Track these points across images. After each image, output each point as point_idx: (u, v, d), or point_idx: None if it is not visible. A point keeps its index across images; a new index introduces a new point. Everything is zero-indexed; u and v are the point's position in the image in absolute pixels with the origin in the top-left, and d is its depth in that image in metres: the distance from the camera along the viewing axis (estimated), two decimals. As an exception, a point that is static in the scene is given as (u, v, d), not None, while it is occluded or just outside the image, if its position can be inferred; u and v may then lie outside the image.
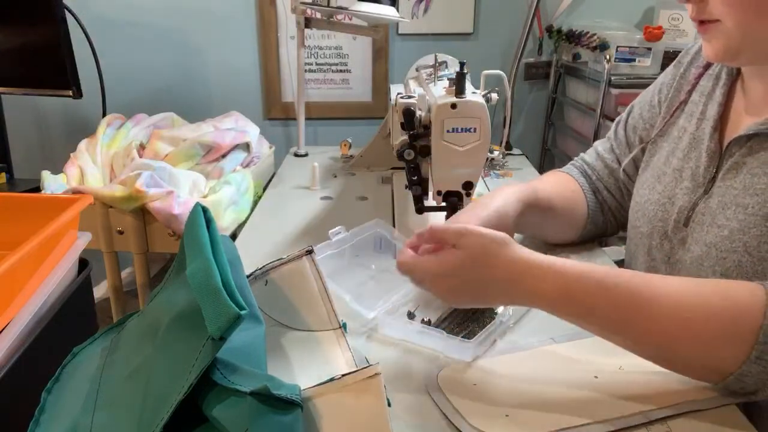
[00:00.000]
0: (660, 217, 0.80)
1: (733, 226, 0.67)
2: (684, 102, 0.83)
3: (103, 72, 1.72)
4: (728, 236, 0.67)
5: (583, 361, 0.68)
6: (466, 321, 0.75)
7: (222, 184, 1.33)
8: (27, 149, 2.00)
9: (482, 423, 0.58)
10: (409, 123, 0.89)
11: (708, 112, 0.78)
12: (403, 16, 1.40)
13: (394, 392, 0.62)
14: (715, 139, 0.75)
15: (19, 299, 0.67)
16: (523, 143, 2.01)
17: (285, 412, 0.44)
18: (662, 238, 0.79)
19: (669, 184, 0.80)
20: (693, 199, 0.75)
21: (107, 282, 1.37)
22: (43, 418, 0.55)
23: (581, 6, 1.91)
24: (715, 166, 0.74)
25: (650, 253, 0.82)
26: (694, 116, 0.80)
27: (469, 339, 0.69)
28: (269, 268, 0.67)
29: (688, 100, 0.83)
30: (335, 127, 2.02)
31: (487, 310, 0.76)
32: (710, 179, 0.74)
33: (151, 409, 0.48)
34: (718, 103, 0.76)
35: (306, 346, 0.65)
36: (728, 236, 0.67)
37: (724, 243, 0.68)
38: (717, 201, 0.71)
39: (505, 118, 1.12)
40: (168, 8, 1.89)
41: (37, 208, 0.83)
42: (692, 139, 0.79)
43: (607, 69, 1.57)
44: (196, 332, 0.49)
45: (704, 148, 0.75)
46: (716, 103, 0.77)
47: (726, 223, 0.68)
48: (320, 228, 1.09)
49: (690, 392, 0.62)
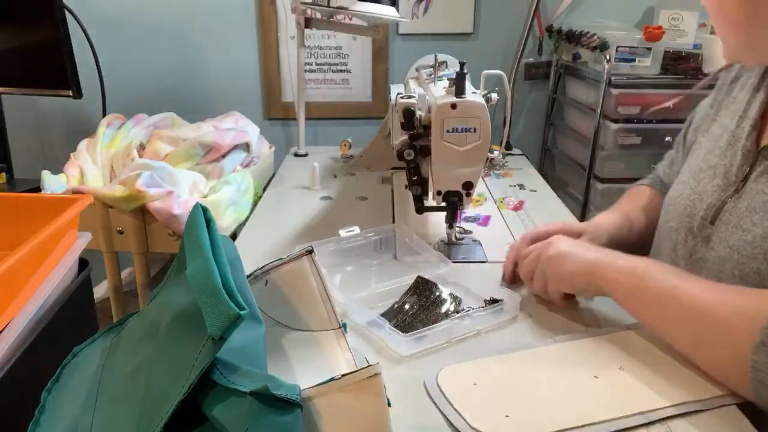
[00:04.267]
0: (688, 212, 0.79)
1: (757, 232, 0.67)
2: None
3: (103, 72, 1.72)
4: (751, 242, 0.67)
5: (583, 361, 0.68)
6: (415, 321, 0.76)
7: (222, 184, 1.33)
8: (27, 149, 2.00)
9: (482, 423, 0.58)
10: (409, 123, 0.89)
11: (750, 111, 0.76)
12: (403, 16, 1.40)
13: (394, 392, 0.62)
14: (752, 139, 0.73)
15: (19, 299, 0.67)
16: (523, 143, 2.01)
17: (285, 412, 0.44)
18: (687, 234, 0.78)
19: (702, 180, 0.79)
20: (722, 198, 0.74)
21: (107, 282, 1.37)
22: (43, 418, 0.55)
23: (581, 6, 1.91)
24: (749, 165, 0.72)
25: (675, 248, 0.81)
26: (737, 114, 0.78)
27: (404, 333, 0.71)
28: (269, 268, 0.66)
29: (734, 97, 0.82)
30: (335, 127, 2.03)
31: (439, 315, 0.78)
32: (742, 179, 0.72)
33: (151, 409, 0.48)
34: (760, 101, 0.75)
35: (306, 346, 0.65)
36: (751, 242, 0.67)
37: (746, 248, 0.68)
38: (746, 204, 0.70)
39: (505, 118, 1.12)
40: (168, 8, 1.89)
41: (37, 208, 0.83)
42: (731, 137, 0.77)
43: (607, 69, 1.57)
44: (196, 332, 0.49)
45: (740, 146, 0.74)
46: (759, 101, 0.75)
47: (751, 227, 0.68)
48: (320, 228, 1.09)
49: (690, 392, 0.62)
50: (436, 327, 0.73)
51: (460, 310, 0.79)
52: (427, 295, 0.81)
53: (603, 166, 1.66)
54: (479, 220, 1.13)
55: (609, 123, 1.61)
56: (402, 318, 0.77)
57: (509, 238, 1.05)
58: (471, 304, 0.80)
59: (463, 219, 1.11)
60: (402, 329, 0.73)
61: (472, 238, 1.02)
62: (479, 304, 0.80)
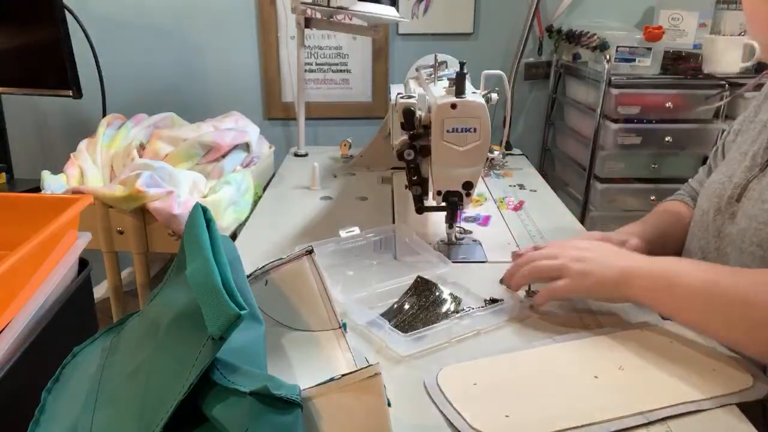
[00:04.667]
0: (718, 193, 0.82)
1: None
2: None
3: (103, 72, 1.72)
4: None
5: (583, 361, 0.68)
6: (415, 321, 0.76)
7: (222, 184, 1.33)
8: (27, 149, 2.00)
9: (482, 423, 0.58)
10: (409, 123, 0.89)
11: None
12: (403, 16, 1.40)
13: (394, 392, 0.62)
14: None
15: (19, 299, 0.67)
16: (523, 143, 2.01)
17: (285, 412, 0.44)
18: (716, 213, 0.82)
19: (733, 165, 0.83)
20: (749, 177, 0.77)
21: (107, 282, 1.37)
22: (43, 418, 0.55)
23: (581, 6, 1.91)
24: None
25: (707, 229, 0.84)
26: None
27: (404, 333, 0.71)
28: (269, 268, 0.66)
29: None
30: (335, 127, 2.02)
31: (438, 315, 0.77)
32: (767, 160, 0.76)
33: (151, 409, 0.48)
34: None
35: (306, 346, 0.65)
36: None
37: (764, 215, 0.71)
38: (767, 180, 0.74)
39: (505, 118, 1.12)
40: (168, 8, 1.89)
41: (37, 208, 0.83)
42: (762, 126, 0.81)
43: (607, 69, 1.57)
44: (196, 332, 0.49)
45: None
46: None
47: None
48: (320, 228, 1.09)
49: (690, 392, 0.62)
50: (436, 327, 0.73)
51: (460, 310, 0.79)
52: (426, 295, 0.81)
53: (603, 166, 1.66)
54: (479, 220, 1.13)
55: (609, 123, 1.61)
56: (402, 318, 0.77)
57: (509, 238, 1.05)
58: (471, 304, 0.80)
59: (463, 219, 1.11)
60: (402, 329, 0.73)
61: (472, 238, 1.02)
62: (479, 304, 0.80)
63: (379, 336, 0.73)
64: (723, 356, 0.68)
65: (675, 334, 0.73)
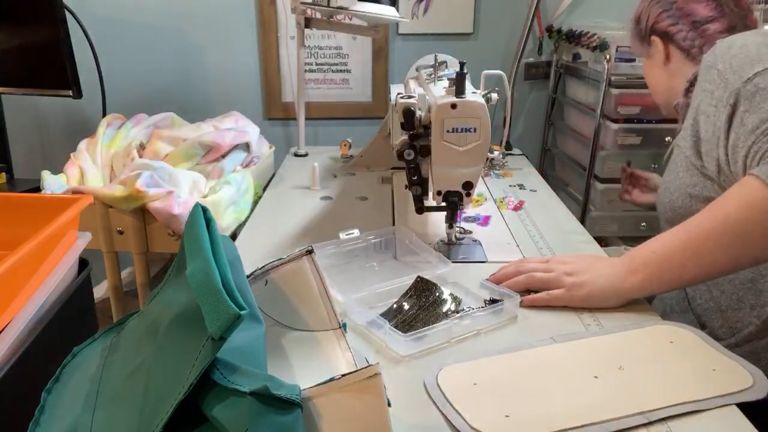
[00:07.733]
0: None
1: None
2: None
3: (103, 72, 1.72)
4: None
5: (583, 361, 0.68)
6: (415, 321, 0.76)
7: (222, 184, 1.33)
8: (27, 149, 2.00)
9: (482, 423, 0.58)
10: (409, 123, 0.89)
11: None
12: (403, 16, 1.40)
13: (394, 392, 0.62)
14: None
15: (19, 299, 0.67)
16: (523, 143, 2.01)
17: (285, 412, 0.44)
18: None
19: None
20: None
21: (107, 282, 1.37)
22: (43, 418, 0.55)
23: (581, 6, 1.91)
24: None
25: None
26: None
27: (404, 333, 0.71)
28: (269, 268, 0.67)
29: None
30: (335, 127, 2.02)
31: (438, 315, 0.78)
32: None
33: (151, 408, 0.48)
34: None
35: (306, 346, 0.65)
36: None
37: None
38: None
39: (505, 118, 1.12)
40: (168, 8, 1.89)
41: (37, 208, 0.83)
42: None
43: (607, 69, 1.57)
44: (196, 332, 0.49)
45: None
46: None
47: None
48: (320, 228, 1.10)
49: (690, 392, 0.62)
50: (436, 327, 0.73)
51: (459, 310, 0.79)
52: (426, 296, 0.81)
53: (603, 166, 1.66)
54: (479, 220, 1.13)
55: (609, 123, 1.61)
56: (402, 318, 0.77)
57: (509, 238, 1.05)
58: (471, 304, 0.80)
59: (463, 219, 1.11)
60: (402, 329, 0.73)
61: (472, 238, 1.02)
62: (479, 304, 0.80)
63: (379, 336, 0.73)
64: (723, 356, 0.68)
65: (675, 334, 0.73)
